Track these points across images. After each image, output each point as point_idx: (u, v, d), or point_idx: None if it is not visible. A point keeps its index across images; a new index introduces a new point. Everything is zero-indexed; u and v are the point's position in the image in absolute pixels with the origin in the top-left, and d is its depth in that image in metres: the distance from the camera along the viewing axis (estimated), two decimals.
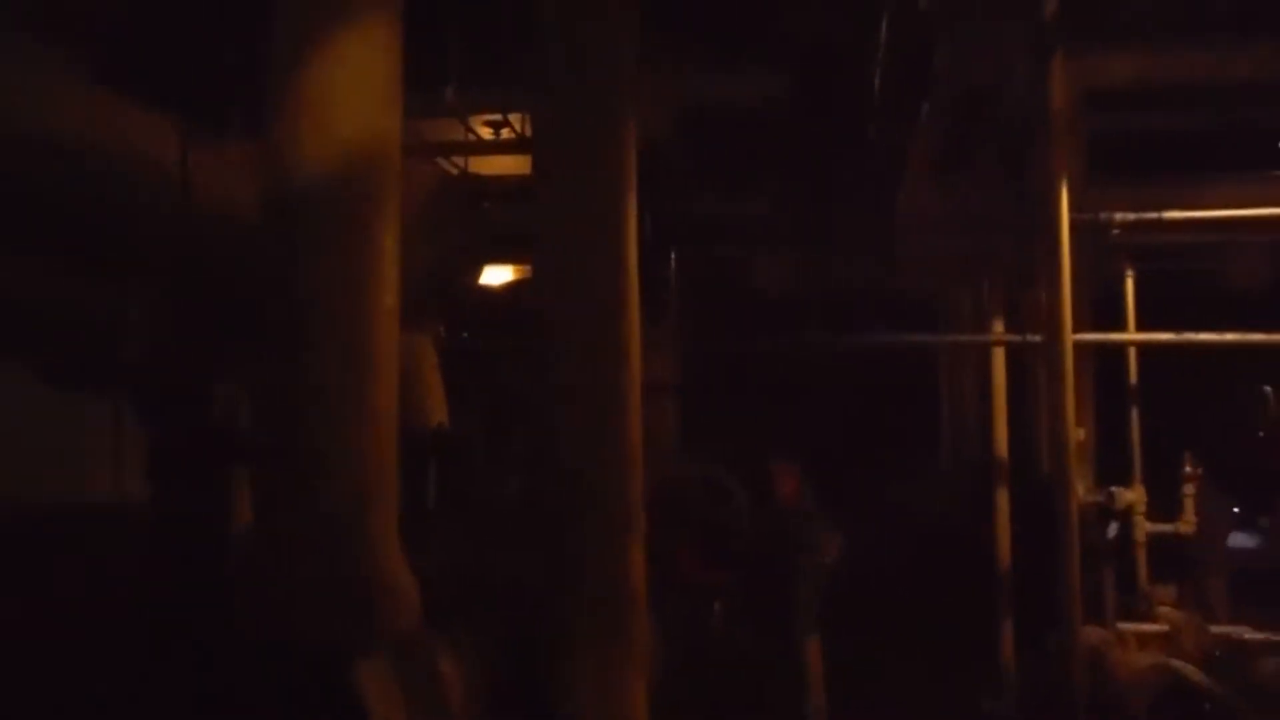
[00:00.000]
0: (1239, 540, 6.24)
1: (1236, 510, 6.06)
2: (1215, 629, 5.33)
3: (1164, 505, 6.29)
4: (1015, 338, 5.89)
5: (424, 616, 2.48)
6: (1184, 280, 6.99)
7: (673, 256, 5.92)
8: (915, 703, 6.15)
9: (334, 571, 2.42)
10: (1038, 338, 5.41)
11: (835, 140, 5.55)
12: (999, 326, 6.05)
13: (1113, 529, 6.20)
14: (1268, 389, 4.69)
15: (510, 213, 5.33)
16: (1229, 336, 5.55)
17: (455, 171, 5.84)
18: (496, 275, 6.64)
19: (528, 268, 5.68)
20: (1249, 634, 5.13)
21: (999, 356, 6.07)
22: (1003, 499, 6.09)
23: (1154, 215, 5.54)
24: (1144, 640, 5.36)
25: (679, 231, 6.55)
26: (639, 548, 3.19)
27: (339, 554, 2.43)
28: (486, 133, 5.71)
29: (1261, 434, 4.71)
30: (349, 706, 2.32)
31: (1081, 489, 5.88)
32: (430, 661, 2.66)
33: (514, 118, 5.44)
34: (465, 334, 6.13)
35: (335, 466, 2.40)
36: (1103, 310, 6.21)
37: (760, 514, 6.22)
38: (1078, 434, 6.03)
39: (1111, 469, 6.20)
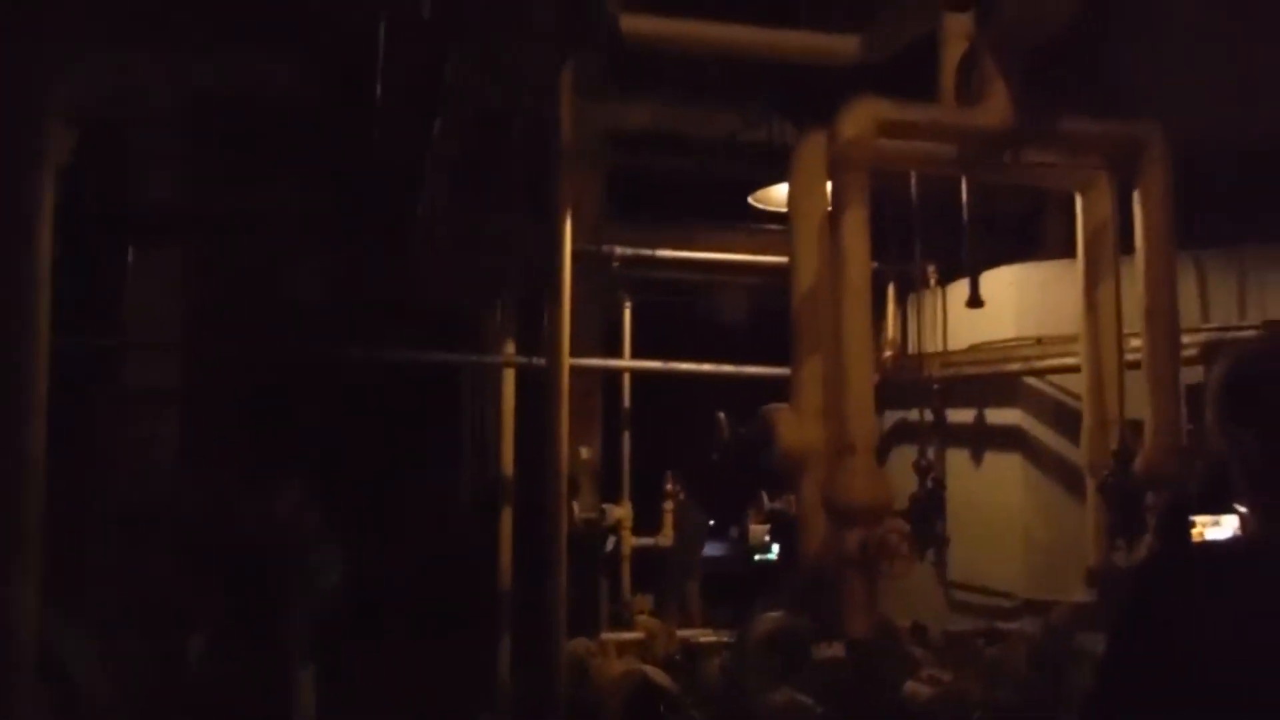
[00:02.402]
0: (712, 550, 6.94)
1: (711, 523, 6.74)
2: (682, 633, 5.83)
3: (655, 520, 6.81)
4: (524, 359, 6.04)
5: None
6: (687, 316, 7.66)
7: (131, 250, 5.33)
8: None
9: None
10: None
11: (352, 143, 5.36)
12: (510, 347, 6.18)
13: (610, 543, 6.58)
14: (721, 415, 5.22)
15: None
16: (706, 367, 6.17)
17: None
18: None
19: None
20: (704, 637, 5.68)
21: (509, 377, 6.20)
22: (506, 518, 6.22)
23: (649, 252, 6.00)
24: (624, 647, 5.71)
25: (181, 225, 5.97)
26: (31, 586, 2.74)
27: None
28: None
29: (715, 456, 5.24)
30: None
31: (578, 507, 6.18)
32: None
33: None
34: None
35: None
36: (615, 338, 6.61)
37: (257, 535, 5.79)
38: (583, 453, 6.33)
39: (616, 488, 6.59)
